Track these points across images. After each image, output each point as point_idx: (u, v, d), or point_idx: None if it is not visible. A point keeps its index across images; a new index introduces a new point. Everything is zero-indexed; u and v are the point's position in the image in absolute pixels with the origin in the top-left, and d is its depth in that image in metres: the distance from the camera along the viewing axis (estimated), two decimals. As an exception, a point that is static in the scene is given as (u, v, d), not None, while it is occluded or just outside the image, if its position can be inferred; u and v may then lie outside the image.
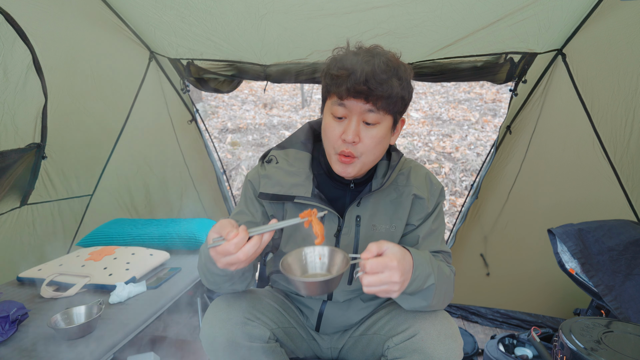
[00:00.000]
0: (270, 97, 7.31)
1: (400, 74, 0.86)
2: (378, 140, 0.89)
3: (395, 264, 0.72)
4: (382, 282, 0.72)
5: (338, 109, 0.88)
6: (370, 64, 0.83)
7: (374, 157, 0.93)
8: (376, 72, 0.83)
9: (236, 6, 1.53)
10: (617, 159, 1.69)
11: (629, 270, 1.43)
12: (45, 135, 1.71)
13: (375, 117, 0.87)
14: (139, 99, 2.06)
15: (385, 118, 0.88)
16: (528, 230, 2.00)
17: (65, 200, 2.00)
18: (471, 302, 2.21)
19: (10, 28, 1.41)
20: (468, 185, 4.14)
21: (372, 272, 0.72)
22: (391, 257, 0.73)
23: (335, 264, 0.80)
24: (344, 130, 0.88)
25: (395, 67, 0.86)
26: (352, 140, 0.87)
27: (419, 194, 1.00)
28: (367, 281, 0.72)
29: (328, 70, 0.89)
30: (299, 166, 1.01)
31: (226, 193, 2.43)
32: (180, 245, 1.86)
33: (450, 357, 0.84)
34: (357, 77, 0.82)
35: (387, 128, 0.90)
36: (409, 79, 0.89)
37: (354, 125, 0.87)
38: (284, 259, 0.79)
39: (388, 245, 0.76)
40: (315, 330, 1.10)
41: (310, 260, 0.82)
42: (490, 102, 6.13)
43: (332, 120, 0.90)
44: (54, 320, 1.16)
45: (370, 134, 0.88)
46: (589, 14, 1.45)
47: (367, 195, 0.98)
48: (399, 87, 0.85)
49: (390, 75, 0.84)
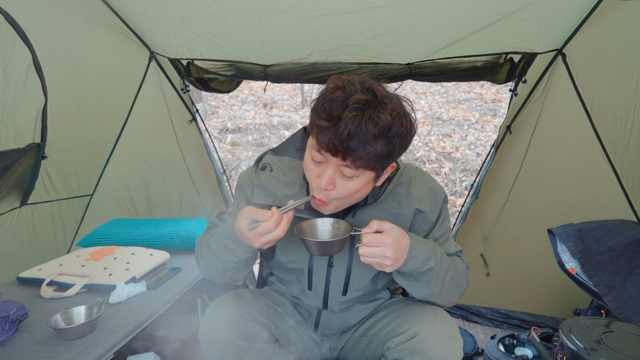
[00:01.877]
0: (270, 97, 7.31)
1: (391, 132, 0.76)
2: (354, 191, 0.84)
3: (390, 241, 0.79)
4: (376, 255, 0.79)
5: (316, 155, 0.82)
6: (356, 121, 0.73)
7: (350, 202, 0.89)
8: (361, 132, 0.73)
9: (236, 6, 1.53)
10: (617, 159, 1.69)
11: (629, 270, 1.43)
12: (45, 135, 1.71)
13: (353, 173, 0.81)
14: (139, 99, 2.06)
15: (365, 173, 0.82)
16: (528, 230, 2.00)
17: (65, 200, 2.00)
18: (471, 302, 2.21)
19: (10, 28, 1.41)
20: (468, 185, 4.14)
21: (368, 245, 0.79)
22: (388, 234, 0.80)
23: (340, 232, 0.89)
24: (319, 175, 0.84)
25: (387, 126, 0.75)
26: (325, 188, 0.82)
27: (421, 207, 0.96)
28: (362, 251, 0.80)
29: (315, 108, 0.81)
30: (293, 176, 0.98)
31: (226, 193, 2.42)
32: (180, 245, 1.86)
33: (450, 358, 0.84)
34: (337, 133, 0.74)
35: (368, 180, 0.84)
36: (404, 133, 0.79)
37: (329, 174, 0.81)
38: (298, 225, 0.88)
39: (389, 225, 0.82)
40: (314, 331, 1.10)
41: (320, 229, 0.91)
42: (490, 102, 6.13)
43: (311, 160, 0.85)
44: (54, 320, 1.16)
45: (346, 185, 0.83)
46: (589, 14, 1.44)
47: (362, 207, 0.96)
48: (385, 148, 0.77)
49: (377, 136, 0.75)
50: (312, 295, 1.03)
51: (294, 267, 1.02)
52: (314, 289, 1.02)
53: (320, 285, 1.01)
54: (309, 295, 1.04)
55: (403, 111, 0.79)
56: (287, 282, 1.09)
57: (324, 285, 1.01)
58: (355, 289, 1.01)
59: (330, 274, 1.00)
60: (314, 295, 1.03)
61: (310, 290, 1.03)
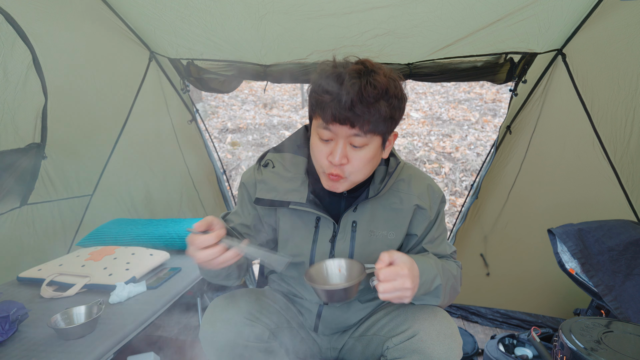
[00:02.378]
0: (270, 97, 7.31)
1: (389, 94, 0.81)
2: (367, 160, 0.87)
3: (407, 271, 0.78)
4: (396, 289, 0.77)
5: (324, 132, 0.85)
6: (356, 87, 0.78)
7: (364, 175, 0.92)
8: (362, 96, 0.78)
9: (236, 6, 1.53)
10: (617, 159, 1.69)
11: (629, 270, 1.43)
12: (45, 135, 1.71)
13: (363, 141, 0.84)
14: (139, 99, 2.06)
15: (373, 139, 0.86)
16: (528, 230, 2.00)
17: (65, 200, 2.00)
18: (471, 302, 2.21)
19: (10, 28, 1.41)
20: (468, 185, 4.14)
21: (386, 280, 0.77)
22: (402, 265, 0.78)
23: (353, 274, 0.86)
24: (330, 152, 0.86)
25: (385, 87, 0.80)
26: (340, 162, 0.85)
27: (421, 204, 0.98)
28: (382, 288, 0.77)
29: (313, 90, 0.85)
30: (295, 171, 1.00)
31: (226, 193, 2.42)
32: (180, 245, 1.86)
33: (450, 357, 0.85)
34: (342, 102, 0.78)
35: (377, 147, 0.88)
36: (399, 95, 0.84)
37: (340, 148, 0.84)
38: (307, 271, 0.85)
39: (397, 254, 0.81)
40: (314, 330, 1.10)
41: (331, 272, 0.88)
42: (490, 102, 6.13)
43: (319, 142, 0.88)
44: (54, 320, 1.16)
45: (358, 155, 0.86)
46: (589, 14, 1.44)
47: (364, 202, 0.98)
48: (388, 109, 0.81)
49: (378, 98, 0.80)
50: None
51: (296, 262, 1.02)
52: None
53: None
54: (310, 289, 1.04)
55: (393, 76, 0.85)
56: (288, 278, 1.09)
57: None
58: None
59: None
60: None
61: None
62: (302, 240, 1.00)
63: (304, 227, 1.00)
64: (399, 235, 1.00)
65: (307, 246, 1.00)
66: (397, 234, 1.00)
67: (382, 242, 0.99)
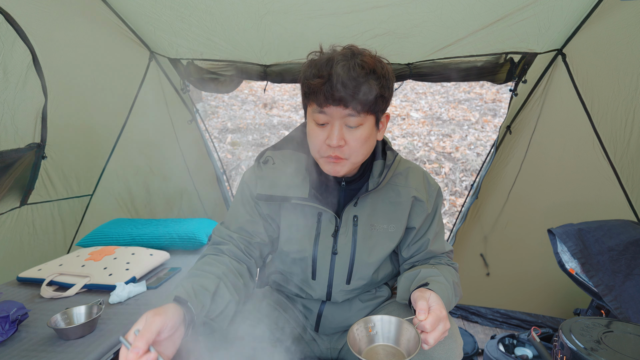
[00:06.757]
0: (270, 97, 7.31)
1: (377, 73, 0.85)
2: (364, 140, 0.90)
3: (445, 313, 0.79)
4: (442, 333, 0.78)
5: (319, 117, 0.88)
6: (345, 68, 0.82)
7: (363, 156, 0.94)
8: (352, 76, 0.82)
9: (236, 6, 1.53)
10: (617, 159, 1.69)
11: (629, 270, 1.43)
12: (45, 135, 1.71)
13: (357, 120, 0.87)
14: (139, 99, 2.06)
15: (367, 118, 0.88)
16: (528, 230, 2.00)
17: (65, 200, 2.00)
18: (471, 302, 2.21)
19: (10, 28, 1.41)
20: (468, 185, 4.14)
21: (433, 329, 0.76)
22: (439, 308, 0.79)
23: (403, 339, 0.79)
24: (327, 136, 0.88)
25: (372, 67, 0.85)
26: (337, 144, 0.87)
27: (419, 196, 1.00)
28: (432, 339, 0.76)
29: (304, 78, 0.89)
30: (295, 167, 1.01)
31: (226, 193, 2.43)
32: (180, 245, 1.86)
33: (450, 357, 0.85)
34: (333, 84, 0.82)
35: (371, 127, 0.91)
36: (387, 76, 0.89)
37: (337, 130, 0.87)
38: (350, 332, 0.77)
39: (428, 293, 0.82)
40: (314, 330, 1.10)
41: (375, 331, 0.80)
42: (490, 102, 6.13)
43: (315, 127, 0.90)
44: (54, 320, 1.16)
45: (354, 136, 0.88)
46: (589, 14, 1.44)
47: (364, 195, 0.99)
48: (378, 87, 0.85)
49: (367, 77, 0.83)
50: (316, 285, 1.03)
51: (299, 257, 1.02)
52: (318, 278, 1.02)
53: (324, 274, 1.02)
54: (313, 285, 1.04)
55: (378, 57, 0.89)
56: (290, 275, 1.09)
57: (328, 274, 1.02)
58: (359, 278, 1.02)
59: (334, 262, 1.01)
60: (318, 285, 1.03)
61: (314, 280, 1.03)
62: (304, 235, 1.00)
63: (305, 223, 1.00)
64: (399, 228, 1.01)
65: (310, 241, 1.00)
66: (397, 227, 1.00)
67: (383, 235, 1.00)
